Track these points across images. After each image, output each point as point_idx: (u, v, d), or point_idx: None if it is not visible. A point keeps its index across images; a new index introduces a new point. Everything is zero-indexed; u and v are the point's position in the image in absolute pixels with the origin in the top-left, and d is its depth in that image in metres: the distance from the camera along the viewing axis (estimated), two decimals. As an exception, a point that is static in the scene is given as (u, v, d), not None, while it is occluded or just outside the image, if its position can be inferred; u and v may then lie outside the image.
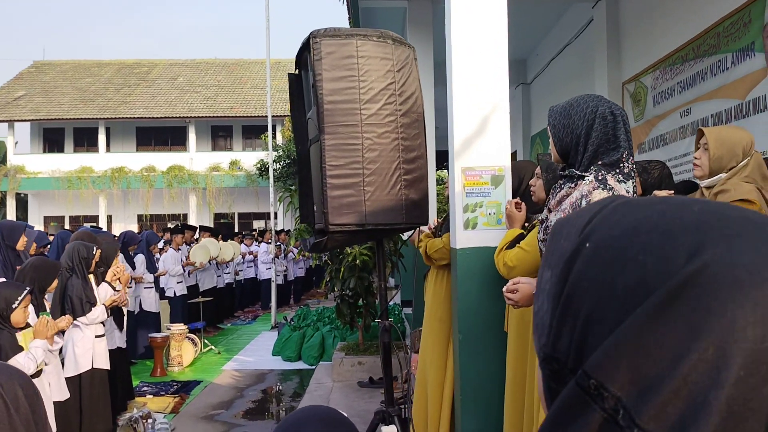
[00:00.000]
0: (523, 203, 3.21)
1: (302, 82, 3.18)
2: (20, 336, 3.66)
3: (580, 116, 2.22)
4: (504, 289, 2.52)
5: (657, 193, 3.12)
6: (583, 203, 2.16)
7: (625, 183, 2.19)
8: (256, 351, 9.39)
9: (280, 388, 7.46)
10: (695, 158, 3.06)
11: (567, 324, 0.51)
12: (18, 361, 3.53)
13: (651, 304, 0.46)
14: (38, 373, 3.74)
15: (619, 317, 0.47)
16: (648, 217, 0.50)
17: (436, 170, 8.68)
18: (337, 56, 2.77)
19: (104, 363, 4.89)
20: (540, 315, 0.54)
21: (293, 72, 3.25)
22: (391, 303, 9.69)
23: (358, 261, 6.67)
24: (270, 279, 12.40)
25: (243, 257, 14.01)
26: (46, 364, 3.91)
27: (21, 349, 3.61)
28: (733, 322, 0.43)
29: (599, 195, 2.15)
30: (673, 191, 3.31)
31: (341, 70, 2.77)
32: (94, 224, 23.81)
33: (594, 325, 0.49)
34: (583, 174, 2.21)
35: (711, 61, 5.55)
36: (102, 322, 4.95)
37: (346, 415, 1.04)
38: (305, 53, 2.93)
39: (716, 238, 0.46)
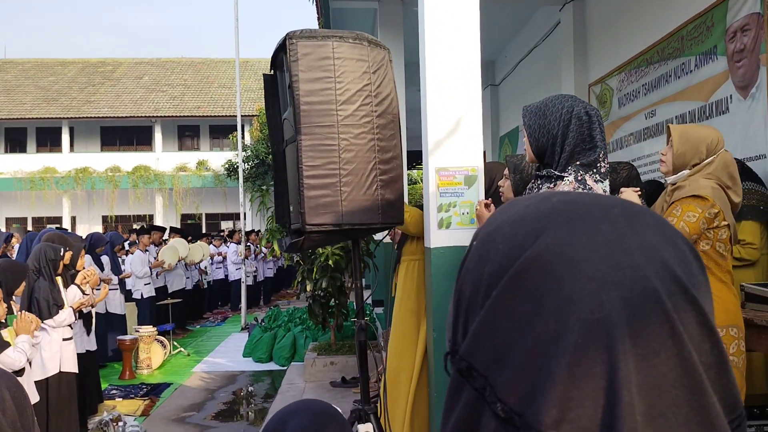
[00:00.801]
0: (492, 204, 3.26)
1: (278, 83, 3.19)
2: (6, 333, 3.61)
3: (555, 116, 2.25)
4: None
5: (623, 190, 3.18)
6: None
7: (602, 183, 2.23)
8: (227, 352, 9.33)
9: (252, 389, 7.43)
10: (662, 154, 3.11)
11: (459, 317, 0.55)
12: (9, 356, 3.49)
13: (503, 285, 0.50)
14: (21, 372, 3.69)
15: (484, 302, 0.52)
16: (516, 212, 0.55)
17: (407, 170, 8.71)
18: (313, 57, 2.79)
19: (72, 366, 4.82)
20: (448, 314, 0.59)
21: (268, 72, 3.26)
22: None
23: (330, 261, 6.68)
24: (240, 280, 12.33)
25: (212, 258, 13.89)
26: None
27: (8, 344, 3.56)
28: (569, 296, 0.47)
29: None
30: (639, 190, 3.38)
31: (317, 71, 2.79)
32: (58, 225, 23.36)
33: (471, 312, 0.54)
34: (562, 174, 2.24)
35: (675, 64, 5.69)
36: (70, 325, 4.87)
37: (341, 411, 1.07)
38: (281, 54, 2.94)
39: (560, 223, 0.51)
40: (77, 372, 4.95)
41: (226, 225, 27.35)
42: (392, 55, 7.60)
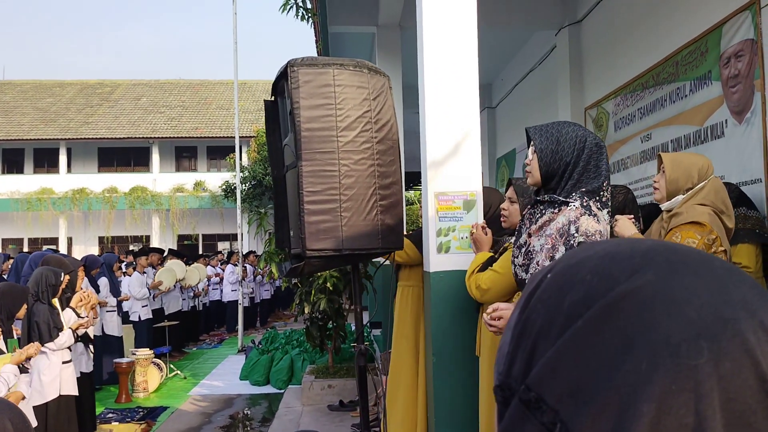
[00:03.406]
0: (488, 228, 3.29)
1: (278, 109, 3.23)
2: None
3: (570, 144, 2.27)
4: (485, 318, 2.52)
5: (618, 217, 3.19)
6: (572, 229, 2.18)
7: (602, 211, 2.25)
8: (224, 375, 9.28)
9: (249, 412, 7.39)
10: (654, 181, 3.17)
11: (521, 347, 0.52)
12: None
13: (590, 316, 0.47)
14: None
15: (562, 331, 0.48)
16: (603, 248, 0.53)
17: (405, 191, 8.75)
18: (314, 85, 2.83)
19: (72, 389, 4.80)
20: (501, 347, 0.56)
21: (269, 98, 3.29)
22: (359, 325, 9.71)
23: (328, 283, 6.69)
24: (236, 301, 12.29)
25: (209, 279, 13.85)
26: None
27: None
28: (667, 337, 0.44)
29: (587, 221, 2.18)
30: (633, 215, 3.40)
31: (318, 98, 2.83)
32: (51, 247, 23.31)
33: (540, 341, 0.50)
34: (567, 200, 2.25)
35: (670, 89, 5.75)
36: (69, 348, 4.86)
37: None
38: (282, 81, 2.98)
39: (660, 262, 0.49)
40: (77, 394, 4.92)
41: (223, 246, 27.35)
42: (390, 79, 7.65)
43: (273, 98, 3.25)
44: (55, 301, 4.76)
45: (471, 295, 3.12)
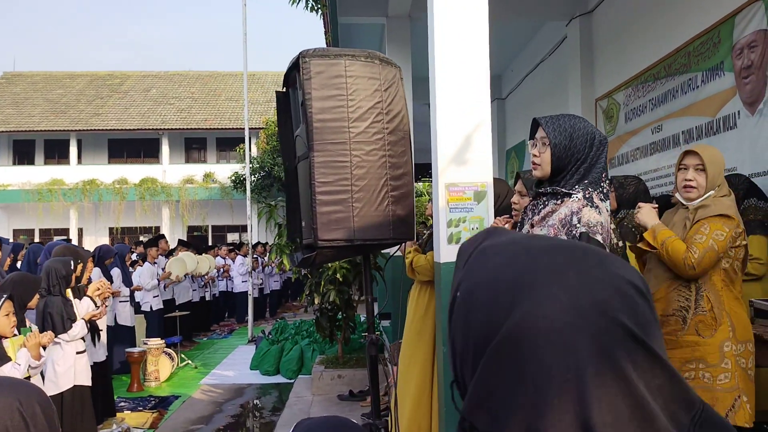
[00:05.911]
0: (511, 220, 3.28)
1: (290, 100, 3.24)
2: (7, 343, 3.64)
3: (582, 140, 2.30)
4: None
5: (641, 205, 3.19)
6: (574, 219, 2.23)
7: (605, 202, 2.31)
8: (234, 365, 9.35)
9: (259, 402, 7.44)
10: (688, 180, 3.01)
11: (456, 356, 0.65)
12: (3, 371, 3.52)
13: (487, 357, 0.59)
14: None
15: (476, 361, 0.60)
16: (488, 273, 0.63)
17: (414, 182, 8.75)
18: (326, 76, 2.83)
19: (86, 379, 4.84)
20: (447, 345, 0.69)
21: (281, 90, 3.30)
22: (368, 316, 9.74)
23: (338, 274, 6.71)
24: (246, 292, 12.34)
25: (218, 270, 13.92)
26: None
27: (9, 359, 3.59)
28: (542, 361, 0.56)
29: (588, 212, 2.23)
30: (656, 205, 3.38)
31: (330, 89, 2.83)
32: (64, 237, 23.47)
33: (463, 365, 0.63)
34: (570, 192, 2.29)
35: (682, 80, 5.72)
36: (83, 338, 4.90)
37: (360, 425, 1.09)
38: (294, 72, 2.99)
39: (525, 294, 0.59)
40: (91, 385, 4.96)
41: (232, 237, 27.48)
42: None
43: (285, 89, 3.26)
44: (68, 292, 4.80)
45: None
